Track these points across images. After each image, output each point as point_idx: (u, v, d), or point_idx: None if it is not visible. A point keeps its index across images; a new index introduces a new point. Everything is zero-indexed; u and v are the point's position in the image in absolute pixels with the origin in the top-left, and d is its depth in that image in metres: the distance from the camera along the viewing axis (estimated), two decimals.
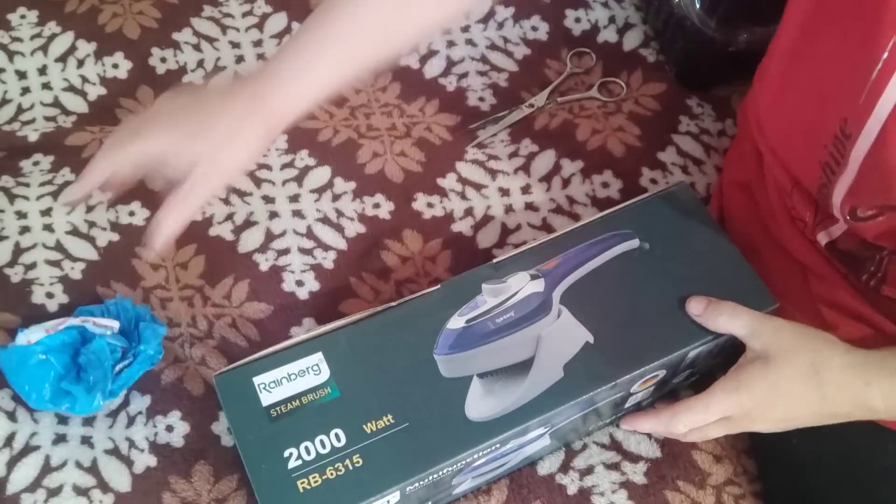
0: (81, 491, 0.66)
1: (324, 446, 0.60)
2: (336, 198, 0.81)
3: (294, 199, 0.81)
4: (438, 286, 0.68)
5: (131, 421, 0.69)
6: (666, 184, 0.84)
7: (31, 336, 0.67)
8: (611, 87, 0.91)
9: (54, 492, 0.66)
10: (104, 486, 0.66)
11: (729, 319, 0.64)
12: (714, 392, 0.62)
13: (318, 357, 0.63)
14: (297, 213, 0.80)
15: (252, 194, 0.81)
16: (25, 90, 0.86)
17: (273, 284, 0.76)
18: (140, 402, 0.69)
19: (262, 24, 0.93)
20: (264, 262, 0.77)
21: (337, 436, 0.60)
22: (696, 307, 0.65)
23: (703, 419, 0.63)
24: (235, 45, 0.91)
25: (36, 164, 0.80)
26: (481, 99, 0.89)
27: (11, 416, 0.68)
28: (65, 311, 0.72)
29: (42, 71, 0.87)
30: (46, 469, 0.66)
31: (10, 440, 0.67)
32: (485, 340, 0.65)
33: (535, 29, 0.95)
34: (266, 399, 0.62)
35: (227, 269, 0.77)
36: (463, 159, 0.85)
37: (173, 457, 0.68)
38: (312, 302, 0.75)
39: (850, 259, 0.64)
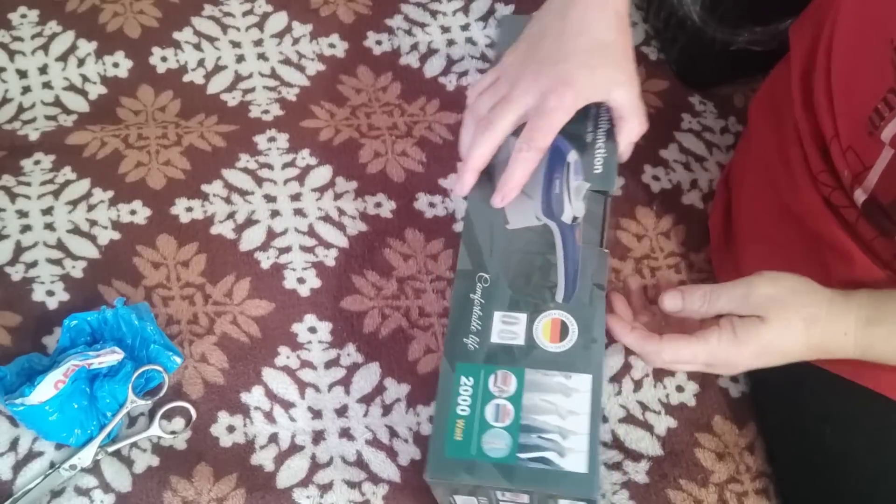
0: (83, 491, 0.66)
1: None
2: (338, 197, 0.81)
3: (296, 197, 0.81)
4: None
5: (133, 421, 0.69)
6: (669, 181, 0.84)
7: (41, 395, 0.65)
8: None
9: (57, 493, 0.66)
10: (105, 486, 0.66)
11: (705, 304, 0.63)
12: (708, 341, 0.61)
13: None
14: (299, 212, 0.80)
15: (253, 193, 0.81)
16: (26, 89, 0.86)
17: (274, 282, 0.76)
18: (142, 404, 0.69)
19: (262, 23, 0.93)
20: (265, 260, 0.77)
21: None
22: (672, 304, 0.64)
23: (687, 362, 0.63)
24: (236, 44, 0.91)
25: (37, 163, 0.80)
26: None
27: (14, 422, 0.68)
28: (65, 310, 0.72)
29: (43, 70, 0.87)
30: None
31: (14, 445, 0.67)
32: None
33: None
34: None
35: (229, 267, 0.76)
36: None
37: (174, 457, 0.68)
38: (314, 299, 0.75)
39: (886, 219, 0.63)
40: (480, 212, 0.67)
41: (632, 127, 0.67)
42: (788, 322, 0.61)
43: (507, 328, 0.63)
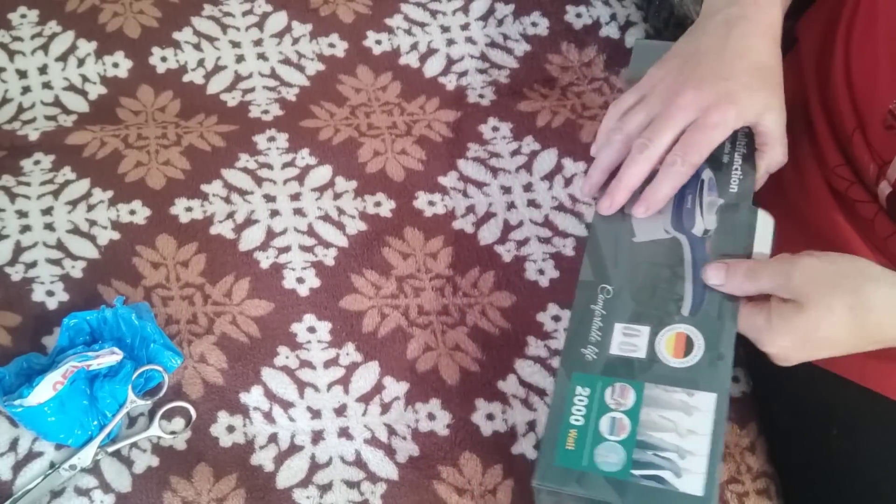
0: (82, 491, 0.66)
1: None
2: (337, 196, 0.81)
3: (295, 197, 0.81)
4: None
5: (132, 422, 0.69)
6: None
7: (39, 396, 0.65)
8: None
9: (57, 493, 0.66)
10: (105, 487, 0.66)
11: (746, 281, 0.59)
12: (741, 326, 0.59)
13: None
14: (298, 212, 0.80)
15: (253, 193, 0.81)
16: (26, 89, 0.86)
17: (274, 282, 0.76)
18: (141, 404, 0.69)
19: (262, 23, 0.93)
20: (265, 260, 0.77)
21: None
22: (715, 276, 0.61)
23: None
24: (236, 44, 0.91)
25: (37, 163, 0.80)
26: (481, 96, 0.89)
27: (14, 422, 0.68)
28: (65, 310, 0.72)
29: (43, 70, 0.87)
30: None
31: (14, 445, 0.67)
32: None
33: (535, 25, 0.95)
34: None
35: (228, 267, 0.76)
36: (464, 157, 0.85)
37: (174, 457, 0.68)
38: (313, 298, 0.75)
39: None
40: (606, 223, 0.66)
41: (774, 154, 0.65)
42: (830, 308, 0.56)
43: (628, 340, 0.61)
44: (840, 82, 0.67)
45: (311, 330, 0.74)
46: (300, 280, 0.76)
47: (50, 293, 0.73)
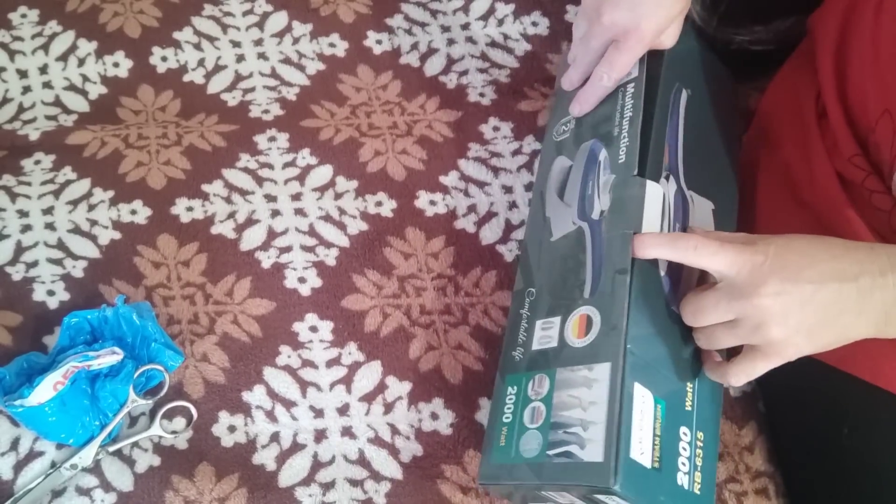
0: (84, 491, 0.66)
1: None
2: (338, 196, 0.81)
3: (296, 197, 0.81)
4: (625, 234, 0.63)
5: (134, 421, 0.69)
6: None
7: (40, 397, 0.65)
8: None
9: (58, 493, 0.65)
10: (106, 486, 0.66)
11: (709, 257, 0.59)
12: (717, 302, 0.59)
13: (637, 388, 0.58)
14: (300, 212, 0.80)
15: (254, 193, 0.80)
16: (26, 89, 0.86)
17: (275, 282, 0.76)
18: (142, 403, 0.69)
19: (262, 22, 0.93)
20: (266, 260, 0.77)
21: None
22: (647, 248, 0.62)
23: (712, 316, 0.60)
24: (236, 44, 0.91)
25: (37, 163, 0.80)
26: (482, 95, 0.89)
27: (15, 422, 0.67)
28: (65, 309, 0.71)
29: (43, 70, 0.87)
30: None
31: (15, 445, 0.67)
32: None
33: (535, 24, 0.95)
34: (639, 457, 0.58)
35: (230, 267, 0.76)
36: (465, 156, 0.85)
37: (176, 456, 0.67)
38: (314, 298, 0.75)
39: None
40: (532, 232, 0.70)
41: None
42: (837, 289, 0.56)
43: (544, 334, 0.64)
44: (866, 69, 0.67)
45: (313, 329, 0.74)
46: (302, 280, 0.76)
47: (51, 293, 0.73)
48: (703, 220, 0.67)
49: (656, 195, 0.65)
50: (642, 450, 0.56)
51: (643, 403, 0.58)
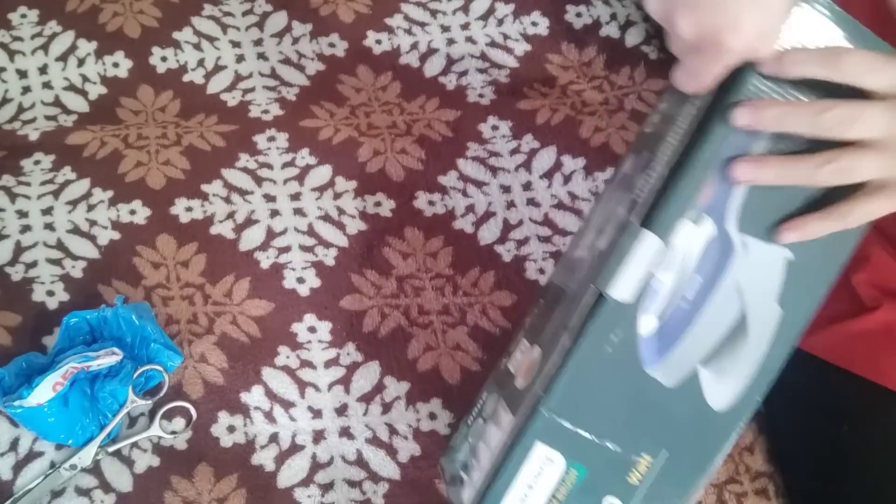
0: (83, 491, 0.66)
1: None
2: (337, 196, 0.81)
3: (295, 197, 0.81)
4: (592, 290, 0.54)
5: (133, 422, 0.69)
6: None
7: (39, 397, 0.65)
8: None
9: (57, 493, 0.66)
10: (106, 486, 0.66)
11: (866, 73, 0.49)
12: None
13: (538, 447, 0.54)
14: (299, 211, 0.80)
15: (253, 193, 0.81)
16: (26, 89, 0.86)
17: (274, 282, 0.76)
18: (142, 404, 0.69)
19: (262, 22, 0.93)
20: (265, 260, 0.77)
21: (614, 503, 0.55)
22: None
23: (865, 127, 0.50)
24: (236, 44, 0.91)
25: (37, 163, 0.80)
26: (481, 95, 0.89)
27: (14, 422, 0.68)
28: (65, 310, 0.71)
29: (43, 70, 0.87)
30: None
31: (14, 445, 0.67)
32: (687, 325, 0.54)
33: (535, 24, 0.95)
34: None
35: (229, 267, 0.76)
36: (464, 156, 0.85)
37: (175, 457, 0.68)
38: (313, 298, 0.75)
39: None
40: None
41: None
42: None
43: (516, 356, 0.62)
44: None
45: (312, 330, 0.74)
46: (300, 280, 0.76)
47: (50, 293, 0.73)
48: (759, 274, 0.54)
49: (649, 248, 0.53)
50: None
51: (544, 464, 0.55)
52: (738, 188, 0.53)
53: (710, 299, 0.54)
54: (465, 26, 0.94)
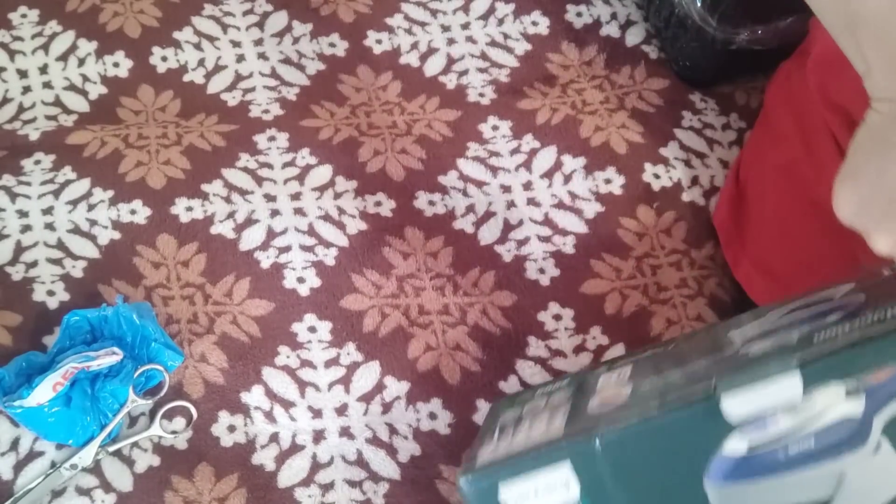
0: (83, 491, 0.66)
1: None
2: (338, 196, 0.81)
3: (295, 197, 0.81)
4: (708, 386, 0.50)
5: (133, 421, 0.69)
6: (669, 179, 0.84)
7: (39, 397, 0.65)
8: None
9: (58, 493, 0.66)
10: (106, 486, 0.66)
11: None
12: None
13: (566, 468, 0.52)
14: (299, 211, 0.80)
15: (253, 192, 0.81)
16: (26, 89, 0.86)
17: (274, 282, 0.76)
18: (142, 403, 0.69)
19: (262, 22, 0.93)
20: (265, 260, 0.77)
21: None
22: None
23: None
24: (236, 44, 0.91)
25: (37, 162, 0.80)
26: (481, 95, 0.89)
27: (15, 422, 0.67)
28: (65, 309, 0.71)
29: (43, 70, 0.87)
30: None
31: (15, 445, 0.67)
32: (771, 473, 0.50)
33: (535, 24, 0.95)
34: None
35: (229, 267, 0.76)
36: (464, 156, 0.85)
37: (175, 457, 0.68)
38: (314, 298, 0.75)
39: None
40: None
41: None
42: None
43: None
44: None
45: (312, 330, 0.74)
46: (301, 280, 0.76)
47: (50, 293, 0.73)
48: (870, 483, 0.49)
49: (787, 390, 0.48)
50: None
51: (560, 484, 0.52)
52: None
53: (808, 468, 0.49)
54: (465, 26, 0.94)
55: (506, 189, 0.83)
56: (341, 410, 0.71)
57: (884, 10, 0.45)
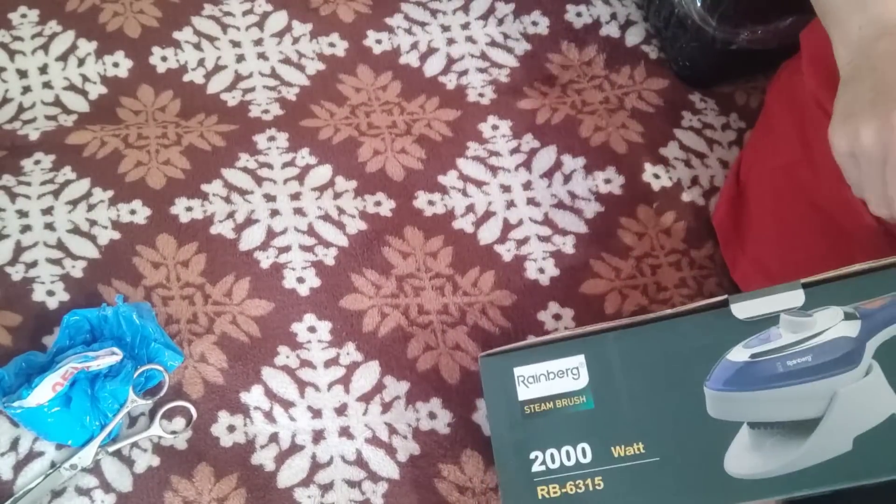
0: (83, 491, 0.66)
1: (569, 458, 0.57)
2: (337, 196, 0.81)
3: (295, 197, 0.81)
4: (727, 298, 0.57)
5: (133, 421, 0.69)
6: (669, 179, 0.84)
7: (38, 398, 0.65)
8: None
9: (58, 493, 0.66)
10: (106, 486, 0.66)
11: None
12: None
13: (579, 360, 0.59)
14: (299, 211, 0.80)
15: (253, 192, 0.81)
16: (26, 89, 0.86)
17: (274, 282, 0.76)
18: (142, 403, 0.69)
19: (262, 22, 0.93)
20: (265, 260, 0.77)
21: (583, 450, 0.57)
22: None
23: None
24: (236, 44, 0.91)
25: (37, 162, 0.80)
26: (481, 95, 0.89)
27: (15, 422, 0.68)
28: (65, 309, 0.72)
29: (43, 70, 0.87)
30: None
31: (15, 445, 0.67)
32: (768, 384, 0.54)
33: (535, 24, 0.95)
34: (522, 393, 0.60)
35: (229, 267, 0.76)
36: (464, 156, 0.85)
37: (175, 457, 0.68)
38: (313, 298, 0.75)
39: None
40: None
41: None
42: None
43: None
44: None
45: (312, 329, 0.74)
46: (300, 280, 0.76)
47: (50, 293, 0.73)
48: (859, 403, 0.52)
49: (791, 300, 0.55)
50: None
51: (569, 372, 0.60)
52: None
53: (802, 384, 0.53)
54: (465, 26, 0.94)
55: (505, 189, 0.83)
56: (341, 410, 0.71)
57: (838, 2, 0.59)
